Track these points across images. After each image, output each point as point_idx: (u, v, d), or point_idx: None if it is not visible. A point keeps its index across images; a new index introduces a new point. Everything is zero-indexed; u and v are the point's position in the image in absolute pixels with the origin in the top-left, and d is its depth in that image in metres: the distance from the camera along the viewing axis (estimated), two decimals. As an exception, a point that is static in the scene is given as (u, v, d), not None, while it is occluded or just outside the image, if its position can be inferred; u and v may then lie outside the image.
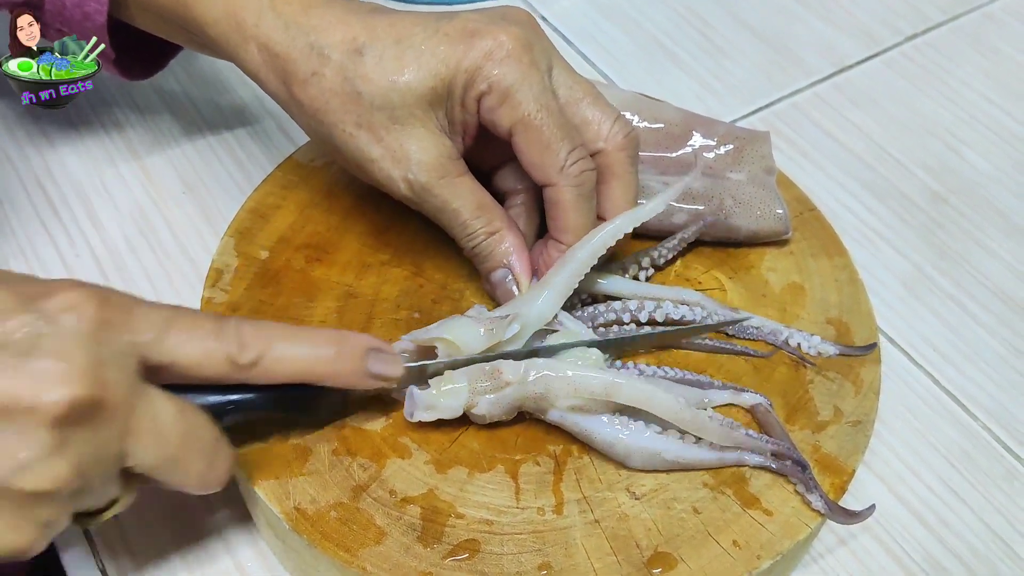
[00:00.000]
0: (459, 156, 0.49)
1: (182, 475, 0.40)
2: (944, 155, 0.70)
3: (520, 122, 0.46)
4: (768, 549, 0.44)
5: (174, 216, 0.62)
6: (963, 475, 0.54)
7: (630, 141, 0.49)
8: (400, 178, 0.48)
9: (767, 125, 0.71)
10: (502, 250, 0.49)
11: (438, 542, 0.44)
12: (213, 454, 0.41)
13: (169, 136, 0.66)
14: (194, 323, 0.40)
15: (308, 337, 0.43)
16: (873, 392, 0.50)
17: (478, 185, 0.49)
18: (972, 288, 0.62)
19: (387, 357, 0.44)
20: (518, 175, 0.51)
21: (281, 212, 0.55)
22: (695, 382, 0.48)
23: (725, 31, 0.77)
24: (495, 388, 0.45)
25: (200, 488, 0.41)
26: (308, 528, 0.43)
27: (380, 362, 0.44)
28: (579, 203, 0.48)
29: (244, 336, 0.41)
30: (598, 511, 0.45)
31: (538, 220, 0.52)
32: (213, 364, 0.40)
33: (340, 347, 0.43)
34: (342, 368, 0.43)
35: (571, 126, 0.48)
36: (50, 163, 0.64)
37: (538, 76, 0.47)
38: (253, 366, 0.41)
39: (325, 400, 0.45)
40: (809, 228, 0.57)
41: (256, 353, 0.41)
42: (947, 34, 0.79)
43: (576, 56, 0.75)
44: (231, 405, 0.42)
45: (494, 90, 0.46)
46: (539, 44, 0.48)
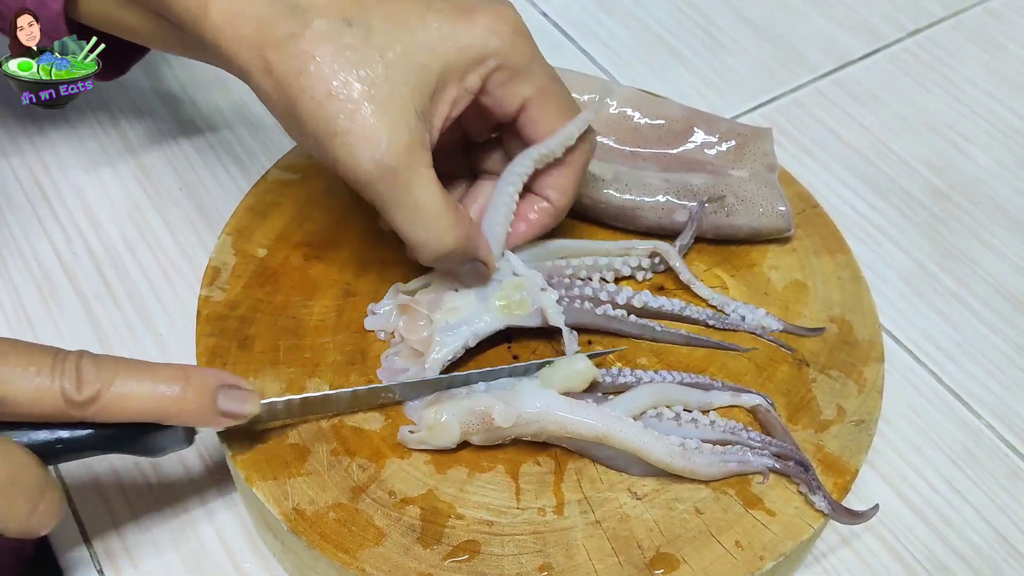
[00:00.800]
0: (429, 148, 0.45)
1: (2, 520, 0.38)
2: (947, 151, 0.70)
3: (538, 94, 0.46)
4: (771, 550, 0.44)
5: (172, 214, 0.62)
6: (967, 474, 0.53)
7: None
8: (367, 158, 0.44)
9: (769, 121, 0.70)
10: None
11: (438, 543, 0.43)
12: (38, 497, 0.38)
13: (167, 134, 0.66)
14: (29, 357, 0.38)
15: (152, 373, 0.40)
16: (876, 391, 0.49)
17: (439, 183, 0.46)
18: (975, 285, 0.62)
19: (240, 394, 0.42)
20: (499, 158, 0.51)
21: (279, 210, 0.55)
22: (696, 384, 0.48)
23: (727, 27, 0.77)
24: (486, 430, 0.45)
25: (21, 532, 0.39)
26: (307, 529, 0.43)
27: (232, 400, 0.42)
28: (585, 168, 0.49)
29: (83, 372, 0.39)
30: (599, 511, 0.45)
31: None
32: (47, 401, 0.38)
33: (187, 384, 0.41)
34: (189, 406, 0.41)
35: None
36: (47, 161, 0.64)
37: (538, 49, 0.47)
38: (91, 403, 0.39)
39: (166, 439, 0.42)
40: (811, 225, 0.56)
41: (94, 390, 0.39)
42: (949, 29, 0.78)
43: (577, 52, 0.74)
44: (59, 444, 0.40)
45: (505, 66, 0.45)
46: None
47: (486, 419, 0.44)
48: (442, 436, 0.45)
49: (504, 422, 0.44)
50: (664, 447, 0.44)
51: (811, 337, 0.51)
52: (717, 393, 0.48)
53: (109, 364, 0.40)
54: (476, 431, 0.45)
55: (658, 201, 0.53)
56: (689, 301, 0.52)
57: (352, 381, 0.48)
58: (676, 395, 0.47)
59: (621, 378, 0.48)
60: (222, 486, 0.50)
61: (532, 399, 0.45)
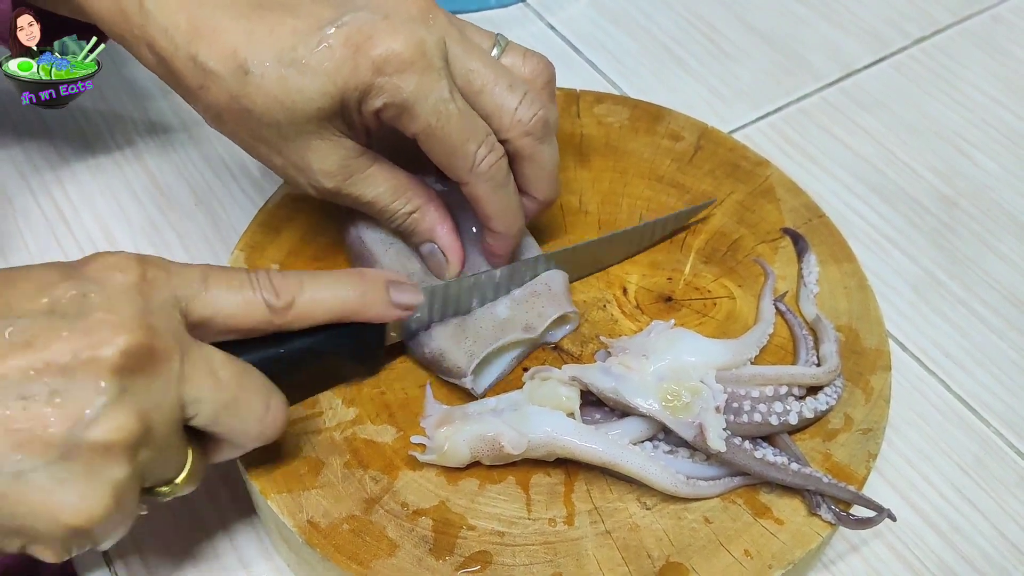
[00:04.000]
0: (363, 151, 0.48)
1: (242, 419, 0.41)
2: (954, 158, 0.70)
3: (421, 132, 0.46)
4: (780, 559, 0.44)
5: (187, 230, 0.62)
6: (976, 481, 0.54)
7: (537, 123, 0.48)
8: (307, 185, 0.48)
9: (775, 130, 0.71)
10: (425, 227, 0.50)
11: (450, 554, 0.44)
12: (268, 395, 0.42)
13: (180, 149, 0.67)
14: (229, 276, 0.42)
15: (333, 277, 0.45)
16: (883, 399, 0.50)
17: (391, 169, 0.49)
18: (983, 292, 0.62)
19: (406, 287, 0.47)
20: None
21: (292, 225, 0.55)
22: None
23: (733, 36, 0.77)
24: (495, 456, 0.46)
25: (260, 434, 0.42)
26: (321, 541, 0.44)
27: (401, 292, 0.46)
28: (495, 193, 0.48)
29: (276, 283, 0.43)
30: (609, 522, 0.45)
31: None
32: (252, 311, 0.42)
33: (364, 282, 0.45)
34: (370, 300, 0.45)
35: (475, 121, 0.47)
36: (62, 177, 0.65)
37: (434, 81, 0.44)
38: (289, 308, 0.43)
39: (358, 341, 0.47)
40: (818, 235, 0.57)
41: (290, 296, 0.43)
42: (955, 36, 0.78)
43: (584, 64, 0.75)
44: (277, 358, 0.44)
45: (389, 106, 0.45)
46: (431, 36, 0.45)
47: (495, 446, 0.45)
48: (452, 459, 0.46)
49: (514, 450, 0.45)
50: (669, 477, 0.45)
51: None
52: None
53: (294, 276, 0.44)
54: (486, 456, 0.46)
55: None
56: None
57: (364, 394, 0.49)
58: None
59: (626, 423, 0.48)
60: (237, 500, 0.51)
61: (540, 423, 0.45)
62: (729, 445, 0.45)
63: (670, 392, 0.46)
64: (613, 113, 0.63)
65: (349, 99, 0.45)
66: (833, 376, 0.49)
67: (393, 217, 0.50)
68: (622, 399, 0.45)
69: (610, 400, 0.46)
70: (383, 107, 0.45)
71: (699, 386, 0.46)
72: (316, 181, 0.47)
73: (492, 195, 0.48)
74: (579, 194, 0.58)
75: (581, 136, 0.61)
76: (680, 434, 0.45)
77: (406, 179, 0.49)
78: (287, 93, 0.44)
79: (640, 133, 0.61)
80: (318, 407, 0.48)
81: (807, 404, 0.48)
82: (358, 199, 0.49)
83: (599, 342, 0.51)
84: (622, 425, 0.46)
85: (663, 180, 0.59)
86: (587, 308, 0.53)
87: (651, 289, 0.54)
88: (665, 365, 0.47)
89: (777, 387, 0.48)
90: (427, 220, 0.50)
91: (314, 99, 0.44)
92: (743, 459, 0.45)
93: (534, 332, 0.49)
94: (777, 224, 0.57)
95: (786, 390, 0.48)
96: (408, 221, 0.50)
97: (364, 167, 0.48)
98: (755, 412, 0.46)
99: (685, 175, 0.59)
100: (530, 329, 0.49)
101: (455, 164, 0.47)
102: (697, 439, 0.44)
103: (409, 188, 0.49)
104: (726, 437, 0.45)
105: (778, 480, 0.45)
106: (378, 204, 0.49)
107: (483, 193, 0.48)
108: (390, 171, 0.49)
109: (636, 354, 0.47)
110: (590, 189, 0.59)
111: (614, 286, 0.54)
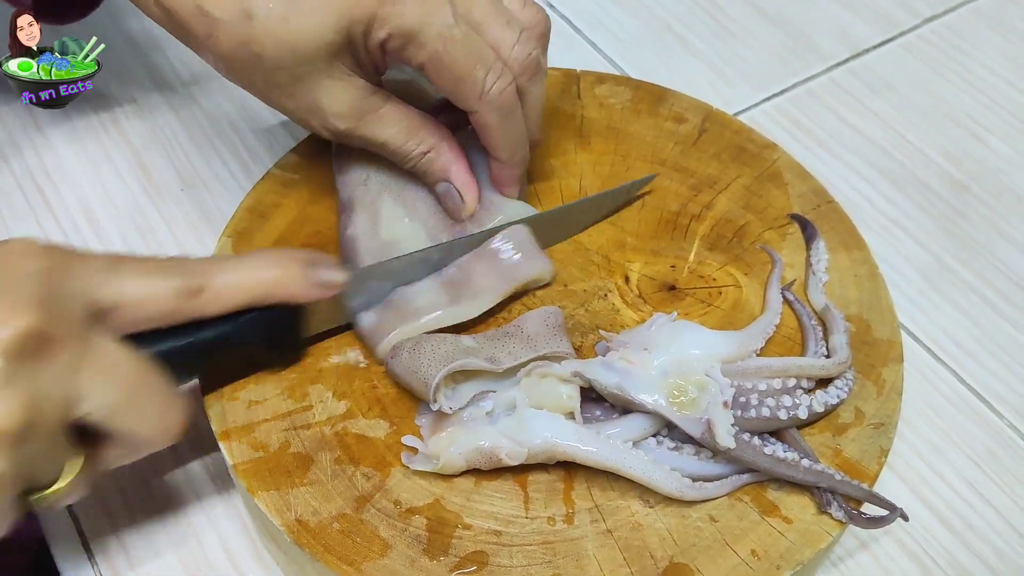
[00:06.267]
0: (375, 90, 0.48)
1: (136, 420, 0.39)
2: (965, 141, 0.68)
3: (428, 60, 0.46)
4: (788, 559, 0.42)
5: (172, 214, 0.60)
6: (988, 475, 0.52)
7: (531, 62, 0.48)
8: (320, 127, 0.48)
9: (781, 113, 0.69)
10: (440, 166, 0.50)
11: (445, 554, 0.42)
12: (166, 398, 0.40)
13: (168, 132, 0.65)
14: (139, 263, 0.41)
15: (247, 260, 0.44)
16: (896, 393, 0.48)
17: (404, 109, 0.49)
18: (995, 280, 0.60)
19: (325, 265, 0.45)
20: None
21: (280, 211, 0.53)
22: None
23: (737, 15, 0.75)
24: (493, 464, 0.44)
25: (155, 437, 0.40)
26: (310, 541, 0.42)
27: (319, 270, 0.45)
28: (505, 122, 0.48)
29: (188, 267, 0.42)
30: (610, 520, 0.43)
31: None
32: (161, 297, 0.40)
33: (280, 262, 0.44)
34: (289, 281, 0.44)
35: (482, 46, 0.46)
36: (45, 159, 0.63)
37: (437, 6, 0.45)
38: (200, 292, 0.41)
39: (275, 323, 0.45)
40: (827, 221, 0.55)
41: (201, 280, 0.41)
42: (966, 16, 0.76)
43: (584, 43, 0.73)
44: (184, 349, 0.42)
45: (394, 35, 0.45)
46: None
47: (493, 458, 0.43)
48: (447, 471, 0.44)
49: (513, 461, 0.43)
50: (674, 482, 0.43)
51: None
52: None
53: (210, 260, 0.43)
54: (483, 465, 0.44)
55: None
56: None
57: (355, 387, 0.47)
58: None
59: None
60: (224, 492, 0.49)
61: (539, 429, 0.43)
62: (738, 441, 0.43)
63: (676, 387, 0.44)
64: (615, 94, 0.60)
65: (355, 32, 0.45)
66: (843, 368, 0.47)
67: (407, 158, 0.49)
68: (626, 395, 0.43)
69: (613, 397, 0.44)
70: (388, 37, 0.45)
71: (705, 380, 0.44)
72: (329, 123, 0.47)
73: (501, 123, 0.48)
74: (579, 177, 0.56)
75: (582, 118, 0.59)
76: (688, 431, 0.43)
77: (419, 118, 0.49)
78: (293, 33, 0.44)
79: (642, 115, 0.59)
80: (307, 400, 0.47)
81: (816, 397, 0.46)
82: (371, 140, 0.49)
83: (599, 334, 0.49)
84: (624, 422, 0.44)
85: (666, 164, 0.57)
86: (587, 297, 0.51)
87: (654, 277, 0.52)
88: (668, 359, 0.45)
89: (785, 380, 0.46)
90: (441, 159, 0.50)
91: (320, 35, 0.44)
92: (752, 456, 0.43)
93: (499, 366, 0.46)
94: (785, 210, 0.55)
95: (794, 383, 0.46)
96: (423, 161, 0.50)
97: (376, 106, 0.48)
98: (763, 406, 0.45)
99: (689, 159, 0.57)
100: (495, 361, 0.46)
101: (464, 91, 0.46)
102: (705, 436, 0.43)
103: (423, 127, 0.49)
104: (735, 433, 0.43)
105: (788, 477, 0.43)
106: (391, 145, 0.49)
107: (492, 121, 0.48)
108: (403, 110, 0.49)
109: (637, 348, 0.45)
110: (591, 173, 0.57)
111: (615, 274, 0.52)
